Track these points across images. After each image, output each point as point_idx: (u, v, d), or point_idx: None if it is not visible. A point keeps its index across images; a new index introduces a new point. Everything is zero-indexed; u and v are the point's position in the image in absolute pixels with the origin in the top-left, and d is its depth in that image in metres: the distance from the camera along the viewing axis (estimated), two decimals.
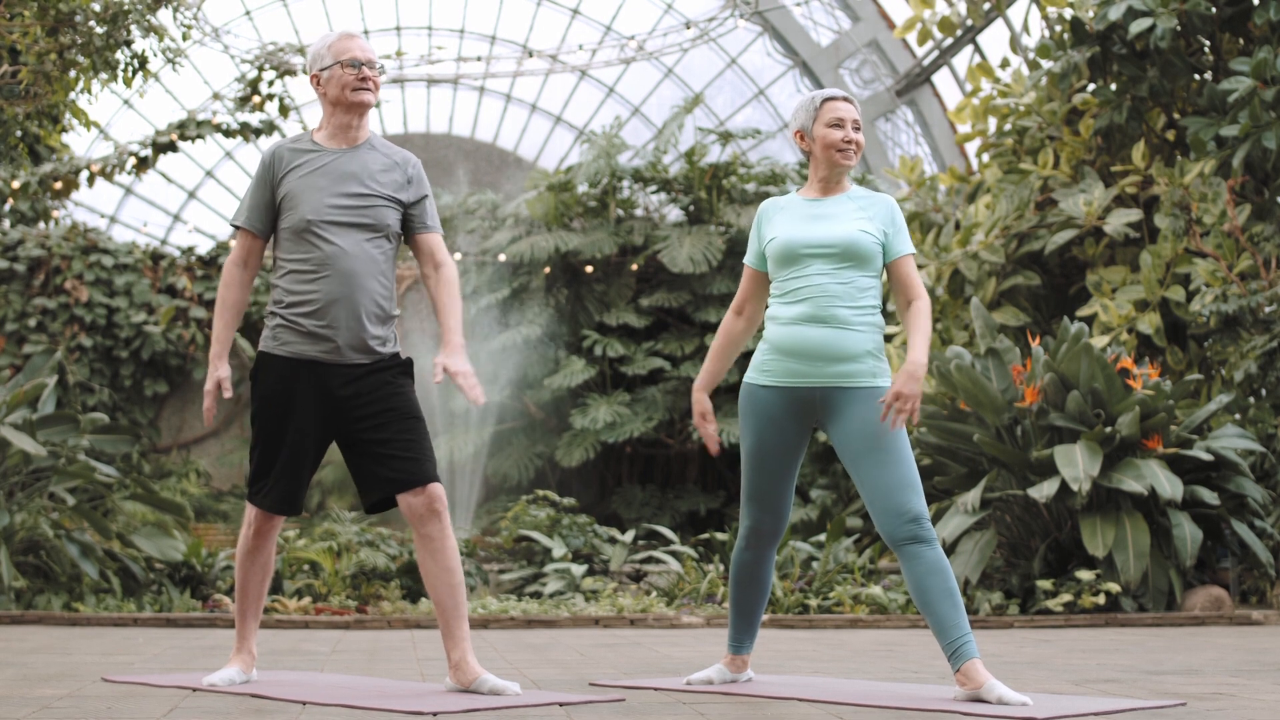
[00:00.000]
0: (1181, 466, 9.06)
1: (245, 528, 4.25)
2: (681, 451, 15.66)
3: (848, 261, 4.04)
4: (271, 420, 4.14)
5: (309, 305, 4.09)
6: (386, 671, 4.97)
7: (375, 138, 4.31)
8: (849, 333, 4.01)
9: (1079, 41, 11.97)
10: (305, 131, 4.35)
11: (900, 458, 3.95)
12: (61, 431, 9.40)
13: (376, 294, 4.13)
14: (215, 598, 8.95)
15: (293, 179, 4.17)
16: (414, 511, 4.06)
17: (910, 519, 3.88)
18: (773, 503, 4.19)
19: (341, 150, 4.20)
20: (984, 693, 3.77)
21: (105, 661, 5.34)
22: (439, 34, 20.51)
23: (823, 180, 4.19)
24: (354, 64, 4.20)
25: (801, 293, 4.06)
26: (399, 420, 4.09)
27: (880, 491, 3.92)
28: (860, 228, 4.07)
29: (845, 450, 4.03)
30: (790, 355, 4.05)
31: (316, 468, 4.24)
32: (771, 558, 4.31)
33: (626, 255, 15.90)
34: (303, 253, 4.12)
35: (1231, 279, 10.72)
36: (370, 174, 4.17)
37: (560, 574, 9.68)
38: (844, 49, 20.15)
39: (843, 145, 4.13)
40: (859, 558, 9.55)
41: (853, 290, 4.03)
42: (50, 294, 15.55)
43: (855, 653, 6.10)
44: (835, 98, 4.18)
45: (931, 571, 3.85)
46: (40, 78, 8.89)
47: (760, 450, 4.14)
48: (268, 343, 4.16)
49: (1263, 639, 7.13)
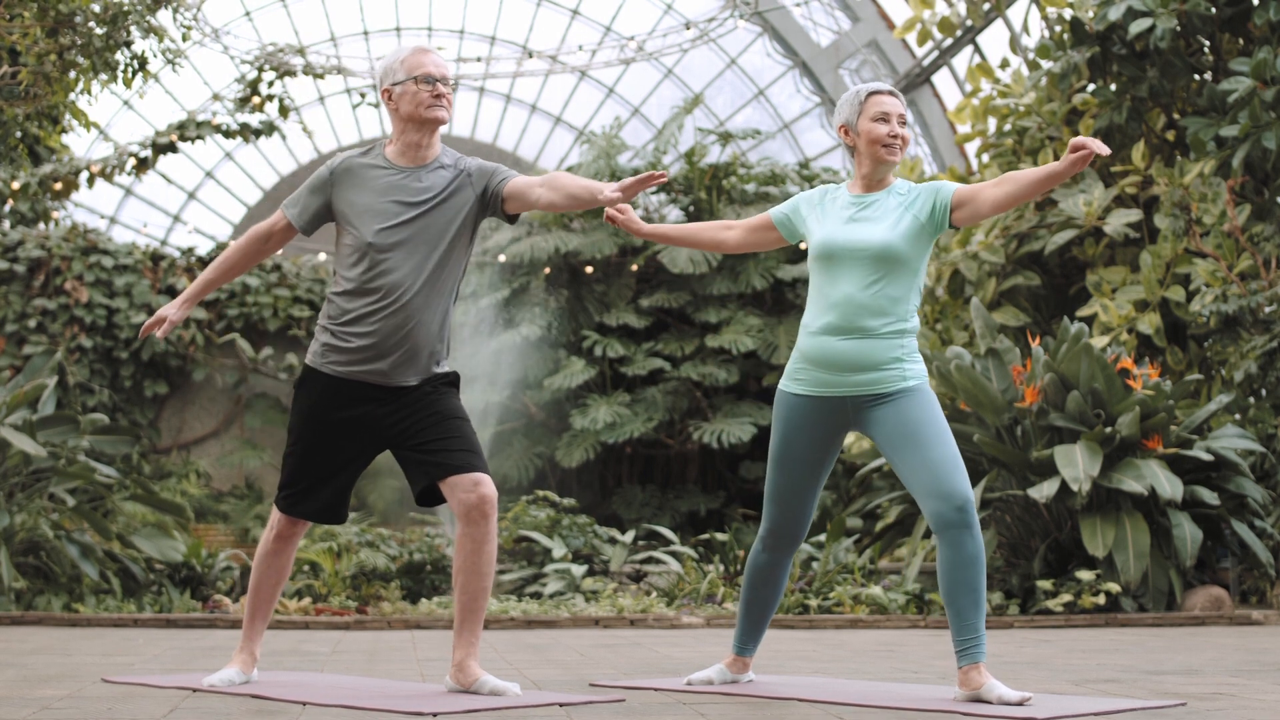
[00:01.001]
0: (1181, 467, 9.06)
1: (268, 530, 4.24)
2: (681, 452, 15.66)
3: (880, 268, 3.96)
4: (308, 434, 4.10)
5: (360, 327, 4.02)
6: (386, 672, 4.97)
7: (445, 152, 4.17)
8: (876, 342, 3.96)
9: (1079, 42, 11.97)
10: (378, 142, 4.22)
11: (944, 440, 3.90)
12: (61, 432, 9.40)
13: (433, 320, 4.05)
14: (215, 598, 8.95)
15: (355, 195, 4.09)
16: (464, 507, 3.96)
17: (959, 504, 3.81)
18: (793, 507, 4.17)
19: (409, 169, 4.11)
20: (984, 693, 3.77)
21: (105, 662, 5.34)
22: (439, 34, 20.52)
23: (866, 176, 4.10)
24: (428, 80, 4.07)
25: (831, 302, 4.00)
26: (444, 420, 4.03)
27: (928, 472, 3.86)
28: (898, 231, 3.98)
29: (886, 444, 3.99)
30: (818, 365, 4.02)
31: (356, 479, 4.19)
32: (788, 563, 4.29)
33: (626, 256, 15.90)
34: (360, 273, 4.03)
35: (1231, 279, 10.73)
36: (436, 196, 4.06)
37: (560, 574, 9.68)
38: (844, 49, 20.15)
39: (888, 140, 4.04)
40: (859, 558, 9.55)
41: (882, 300, 3.96)
42: (50, 295, 15.56)
43: (855, 653, 6.10)
44: (880, 91, 4.10)
45: (967, 564, 3.81)
46: (40, 78, 8.89)
47: (787, 453, 4.12)
48: (315, 358, 4.11)
49: (1263, 639, 7.13)
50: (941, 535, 3.83)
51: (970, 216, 4.00)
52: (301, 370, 4.17)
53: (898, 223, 4.00)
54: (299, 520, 4.19)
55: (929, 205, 4.01)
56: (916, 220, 4.00)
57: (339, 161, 4.17)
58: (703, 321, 15.29)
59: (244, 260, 4.22)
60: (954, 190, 4.01)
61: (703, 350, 15.17)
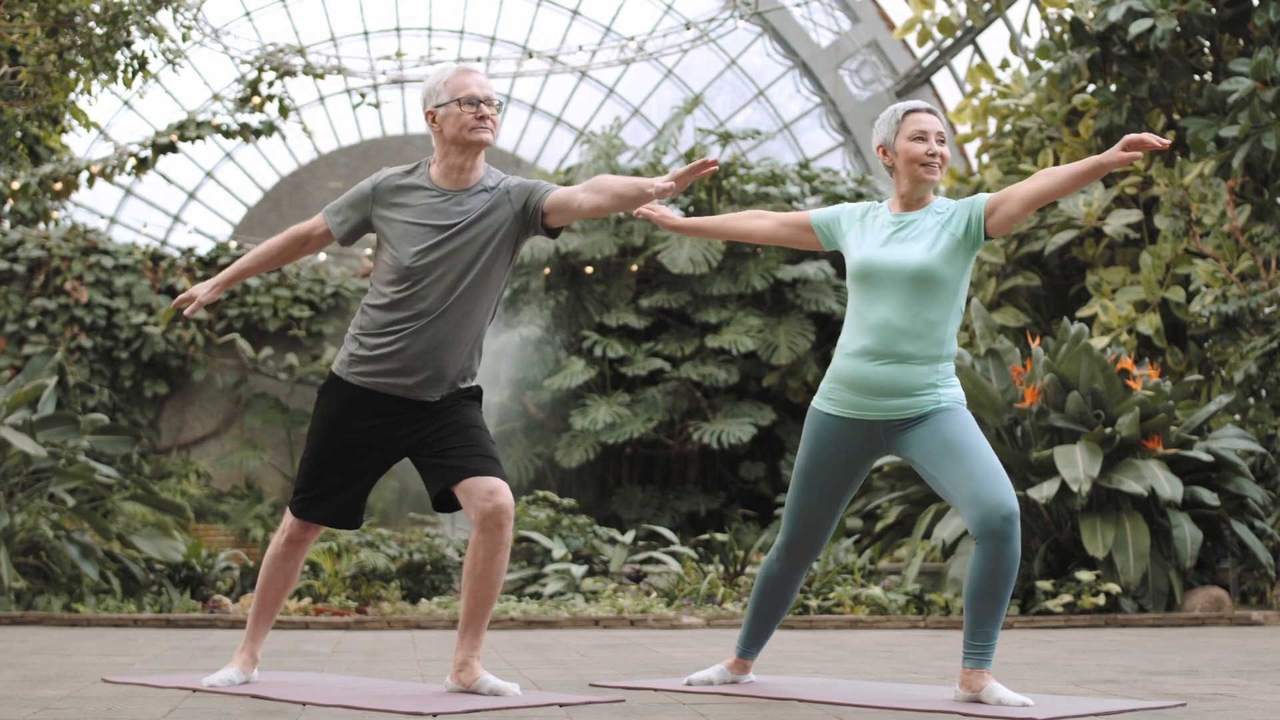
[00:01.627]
0: (1181, 467, 9.07)
1: (279, 533, 4.23)
2: (681, 452, 15.66)
3: (918, 290, 3.92)
4: (327, 440, 4.10)
5: (390, 344, 4.01)
6: (387, 672, 4.97)
7: (490, 174, 4.13)
8: (912, 368, 3.92)
9: (1079, 42, 11.97)
10: (423, 162, 4.17)
11: (986, 450, 3.87)
12: (61, 432, 9.40)
13: (464, 341, 4.05)
14: (215, 598, 8.95)
15: (394, 214, 4.06)
16: (480, 515, 3.92)
17: (1005, 514, 3.75)
18: (814, 524, 4.14)
19: (450, 193, 4.07)
20: (984, 694, 3.77)
21: (105, 662, 5.34)
22: (439, 35, 20.51)
23: (905, 195, 4.05)
24: (472, 101, 4.02)
25: (868, 325, 3.97)
26: (462, 429, 4.03)
27: (973, 480, 3.81)
28: (936, 251, 3.94)
29: (924, 459, 3.93)
30: (852, 388, 3.98)
31: (372, 486, 4.19)
32: (801, 576, 4.27)
33: (626, 256, 15.90)
34: (395, 290, 4.02)
35: (1231, 280, 10.73)
36: (476, 219, 4.03)
37: (560, 575, 9.68)
38: (844, 50, 20.16)
39: (926, 159, 4.00)
40: (859, 558, 9.55)
41: (919, 325, 3.92)
42: (50, 295, 15.55)
43: (855, 653, 6.10)
44: (918, 110, 4.05)
45: (1000, 576, 3.77)
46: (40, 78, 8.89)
47: (813, 470, 4.09)
48: (341, 367, 4.10)
49: (1263, 639, 7.13)
50: (982, 542, 3.77)
51: (1004, 219, 3.94)
52: (327, 376, 4.17)
53: (935, 242, 3.96)
54: (311, 525, 4.19)
55: (964, 221, 3.96)
56: (954, 238, 3.96)
57: (382, 179, 4.14)
58: (703, 322, 15.29)
59: (280, 256, 4.22)
60: (986, 199, 3.97)
61: (703, 350, 15.17)
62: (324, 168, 20.57)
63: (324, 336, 16.49)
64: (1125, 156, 3.76)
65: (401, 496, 14.90)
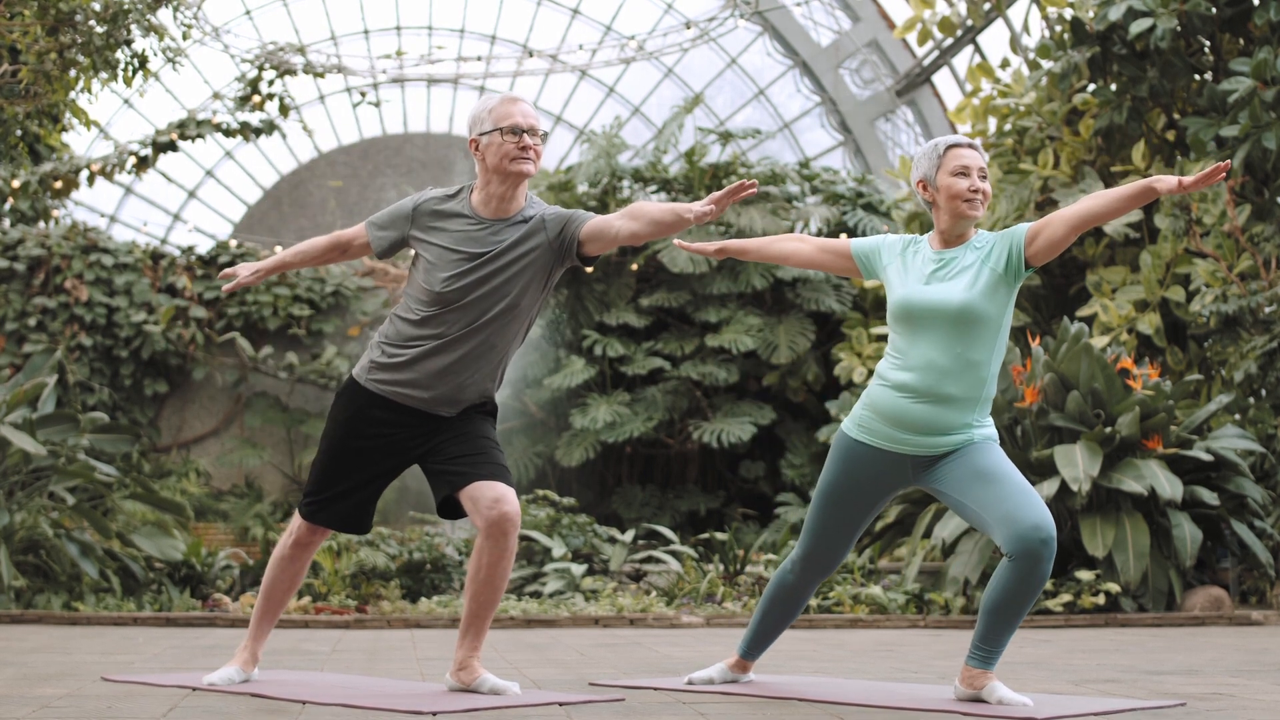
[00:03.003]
0: (1181, 467, 9.06)
1: (287, 535, 4.23)
2: (681, 451, 15.66)
3: (961, 329, 3.87)
4: (339, 444, 4.10)
5: (412, 359, 4.02)
6: (386, 671, 4.97)
7: (531, 204, 4.11)
8: (950, 410, 3.88)
9: (1079, 42, 11.97)
10: (466, 187, 4.15)
11: (1016, 474, 3.83)
12: (61, 431, 9.40)
13: (486, 366, 4.04)
14: (215, 597, 8.95)
15: (433, 238, 4.05)
16: (486, 522, 3.90)
17: (1044, 536, 3.69)
18: (831, 544, 4.12)
19: (489, 222, 4.04)
20: (985, 694, 3.77)
21: (105, 661, 5.34)
22: (439, 34, 20.51)
23: (945, 232, 3.99)
24: (515, 131, 4.00)
25: (910, 363, 3.92)
26: (472, 438, 4.03)
27: (1010, 501, 3.76)
28: (978, 289, 3.87)
29: (954, 488, 3.89)
30: (888, 422, 3.94)
31: (382, 491, 4.19)
32: (813, 589, 4.26)
33: (626, 255, 15.89)
34: (426, 310, 4.02)
35: (1231, 279, 10.73)
36: (511, 249, 4.01)
37: (560, 574, 9.68)
38: (844, 49, 20.15)
39: (969, 195, 3.92)
40: (859, 558, 9.55)
41: (961, 364, 3.87)
42: (50, 293, 15.55)
43: (855, 653, 6.10)
44: (960, 145, 3.98)
45: (1026, 594, 3.75)
46: (40, 77, 8.89)
47: (836, 492, 4.07)
48: (361, 372, 4.11)
49: (1263, 639, 7.13)
50: (1016, 561, 3.72)
51: (1047, 245, 3.86)
52: (346, 380, 4.17)
53: (976, 279, 3.89)
54: (319, 529, 4.19)
55: (1005, 254, 3.90)
56: (994, 273, 3.90)
57: (423, 199, 4.13)
58: (703, 321, 15.29)
59: (320, 257, 4.25)
60: (1026, 229, 3.90)
61: (703, 350, 15.17)
62: (324, 166, 20.57)
63: (324, 335, 16.49)
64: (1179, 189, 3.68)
65: (401, 496, 14.90)
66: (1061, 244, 3.86)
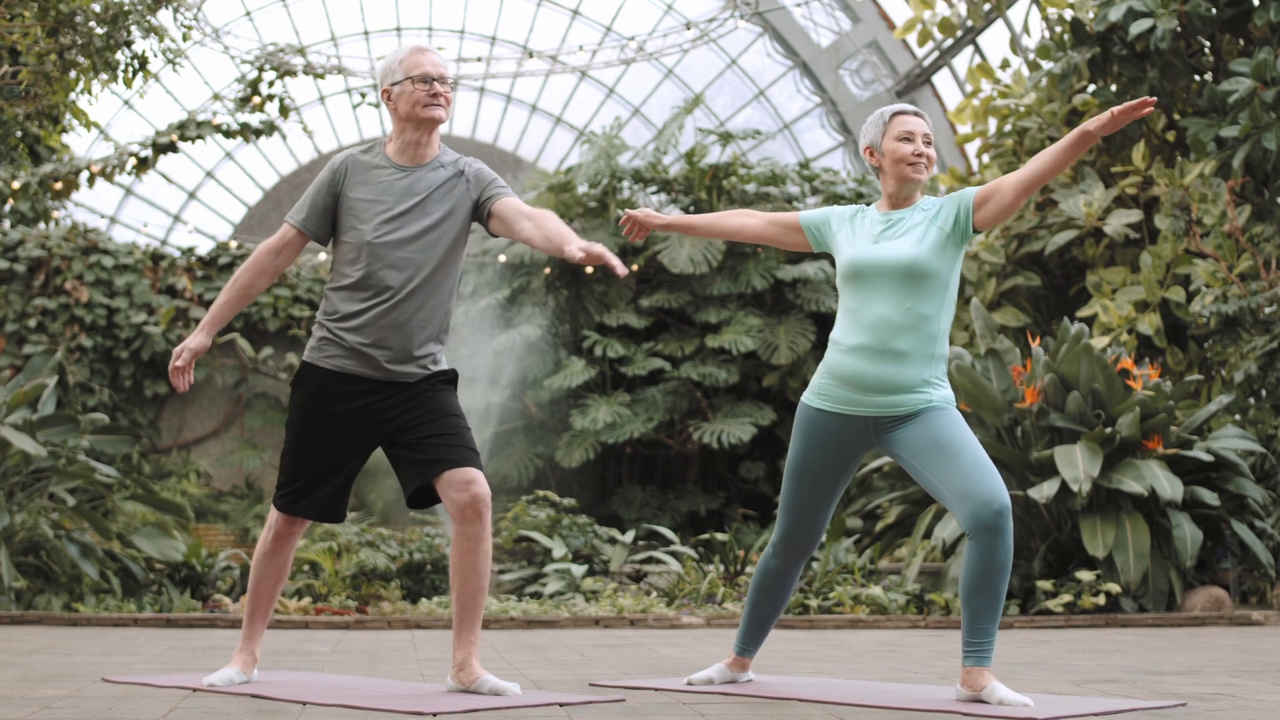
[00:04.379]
0: (1181, 467, 9.06)
1: (266, 530, 4.24)
2: (682, 452, 15.66)
3: (910, 284, 3.96)
4: (306, 429, 4.11)
5: (357, 321, 4.05)
6: (387, 672, 4.97)
7: (445, 151, 4.22)
8: (905, 367, 3.95)
9: (1079, 42, 11.97)
10: (378, 141, 4.26)
11: (976, 447, 3.90)
12: (61, 432, 9.40)
13: (430, 316, 4.08)
14: (215, 598, 8.95)
15: (357, 194, 4.12)
16: (457, 506, 3.96)
17: (997, 508, 3.78)
18: (807, 520, 4.16)
19: (409, 169, 4.14)
20: (985, 694, 3.77)
21: (105, 662, 5.34)
22: (439, 34, 20.52)
23: (891, 196, 4.12)
24: (425, 79, 4.11)
25: (864, 323, 3.99)
26: (439, 418, 4.05)
27: (963, 476, 3.84)
28: (925, 245, 3.98)
29: (913, 456, 3.96)
30: (846, 384, 4.01)
31: (354, 476, 4.20)
32: (797, 572, 4.29)
33: (626, 256, 15.90)
34: (358, 270, 4.07)
35: (1231, 280, 10.73)
36: (436, 195, 4.11)
37: (560, 574, 9.68)
38: (844, 50, 20.16)
39: (912, 159, 4.06)
40: (859, 558, 9.55)
41: (913, 320, 3.96)
42: (50, 294, 15.55)
43: (855, 653, 6.10)
44: (904, 112, 4.12)
45: (995, 570, 3.79)
46: (40, 78, 8.89)
47: (805, 467, 4.12)
48: (312, 353, 4.13)
49: (1263, 639, 7.13)
50: (975, 538, 3.80)
51: (997, 209, 3.98)
52: (299, 367, 4.18)
53: (924, 236, 4.00)
54: (297, 519, 4.19)
55: (952, 214, 4.01)
56: (942, 231, 4.01)
57: (341, 160, 4.20)
58: (703, 321, 15.29)
59: (257, 278, 4.19)
60: (975, 192, 4.02)
61: (703, 350, 15.17)
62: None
63: None
64: (1111, 122, 3.80)
65: (401, 496, 14.88)
66: (1010, 209, 3.99)
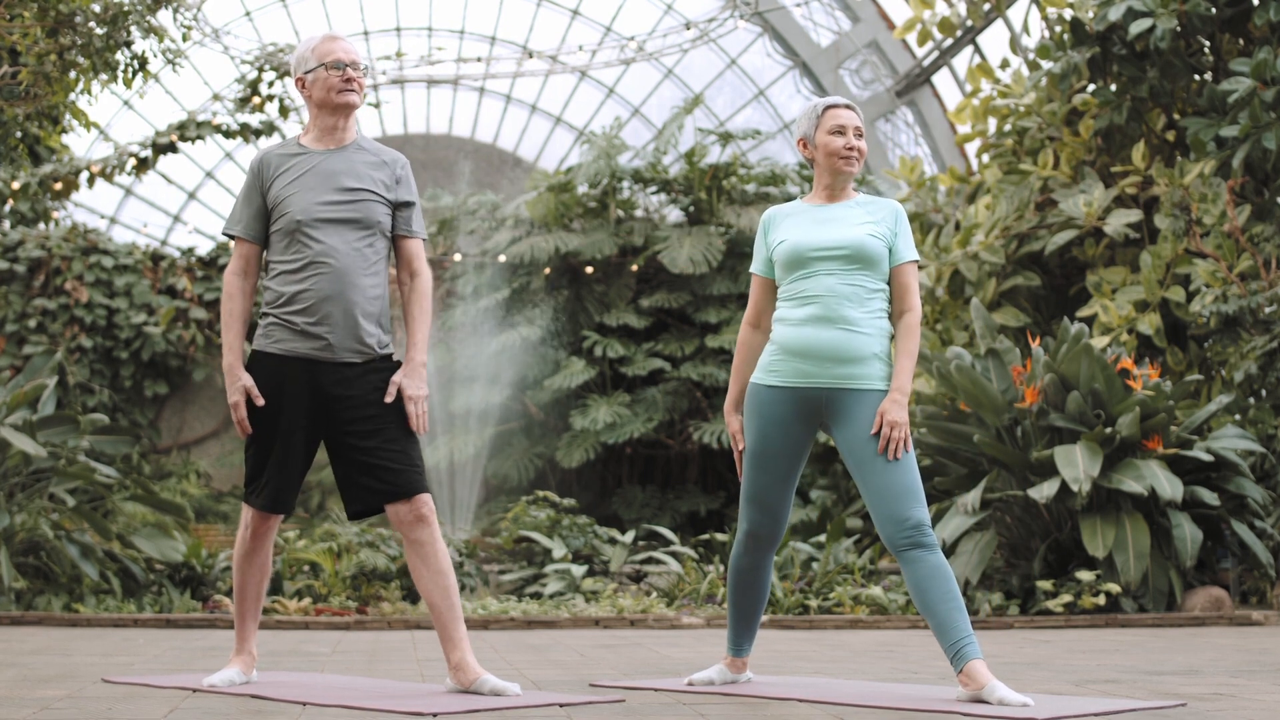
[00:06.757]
0: (1181, 467, 9.06)
1: (242, 529, 4.25)
2: (681, 452, 15.66)
3: (856, 264, 4.07)
4: (263, 418, 4.15)
5: (301, 303, 4.11)
6: (386, 672, 4.97)
7: (363, 138, 4.34)
8: (856, 335, 4.03)
9: (1079, 42, 11.97)
10: (293, 137, 4.37)
11: (905, 465, 3.97)
12: (61, 432, 9.40)
13: (369, 292, 4.14)
14: (215, 598, 8.95)
15: (282, 182, 4.19)
16: (401, 519, 4.08)
17: (911, 526, 3.90)
18: (771, 505, 4.19)
19: (329, 151, 4.23)
20: (985, 694, 3.77)
21: (105, 662, 5.34)
22: (439, 35, 20.51)
23: (827, 187, 4.23)
24: (338, 65, 4.22)
25: (810, 294, 4.08)
26: (389, 428, 4.09)
27: (883, 497, 3.94)
28: (868, 231, 4.10)
29: (850, 454, 4.04)
30: (798, 355, 4.07)
31: (308, 467, 4.23)
32: (769, 562, 4.32)
33: (626, 256, 15.90)
34: (294, 253, 4.14)
35: (1231, 279, 10.72)
36: (358, 172, 4.20)
37: (560, 575, 9.68)
38: (844, 50, 20.15)
39: (844, 152, 4.17)
40: (859, 558, 9.55)
41: (861, 292, 4.06)
42: (50, 295, 15.55)
43: (855, 653, 6.10)
44: (836, 105, 4.22)
45: (932, 576, 3.87)
46: (40, 78, 8.89)
47: (764, 451, 4.14)
48: (260, 341, 4.20)
49: (1263, 639, 7.13)
50: (899, 555, 3.93)
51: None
52: (249, 356, 4.23)
53: (860, 224, 4.12)
54: (271, 515, 4.22)
55: (891, 229, 4.14)
56: (883, 230, 4.13)
57: (259, 158, 4.26)
58: (703, 321, 15.29)
59: (241, 302, 4.24)
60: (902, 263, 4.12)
61: (703, 350, 15.17)
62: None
63: None
64: None
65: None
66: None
